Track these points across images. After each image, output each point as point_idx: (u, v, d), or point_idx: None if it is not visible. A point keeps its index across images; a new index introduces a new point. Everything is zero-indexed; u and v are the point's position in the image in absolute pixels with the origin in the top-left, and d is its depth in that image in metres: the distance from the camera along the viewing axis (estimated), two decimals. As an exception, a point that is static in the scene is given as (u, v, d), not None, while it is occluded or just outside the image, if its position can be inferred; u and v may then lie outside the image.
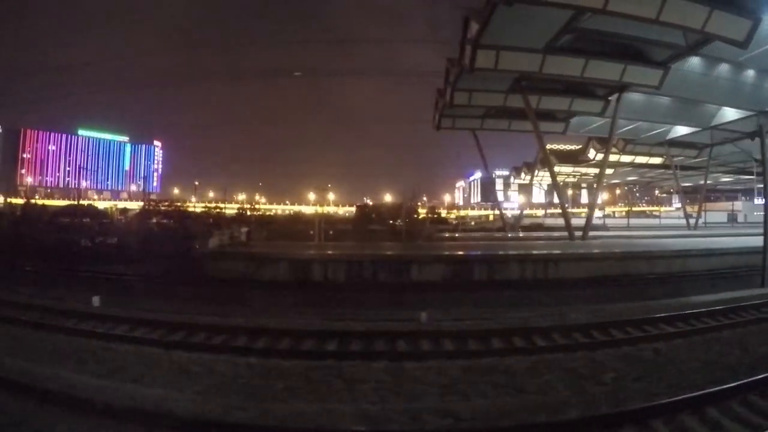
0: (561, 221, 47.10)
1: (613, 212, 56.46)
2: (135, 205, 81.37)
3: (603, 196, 56.20)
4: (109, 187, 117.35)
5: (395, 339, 6.09)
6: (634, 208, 65.71)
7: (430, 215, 58.90)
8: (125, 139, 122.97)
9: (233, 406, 3.90)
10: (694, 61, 17.79)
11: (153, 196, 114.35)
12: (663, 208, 60.94)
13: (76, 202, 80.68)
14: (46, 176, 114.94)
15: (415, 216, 56.22)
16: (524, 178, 48.57)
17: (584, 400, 4.01)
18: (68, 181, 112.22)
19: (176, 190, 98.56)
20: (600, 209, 47.49)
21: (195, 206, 58.71)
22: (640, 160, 33.38)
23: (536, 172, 47.58)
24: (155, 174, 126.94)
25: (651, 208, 64.87)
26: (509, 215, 70.53)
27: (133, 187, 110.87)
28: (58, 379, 4.45)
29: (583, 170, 40.31)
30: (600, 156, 34.00)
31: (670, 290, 9.83)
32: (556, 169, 41.08)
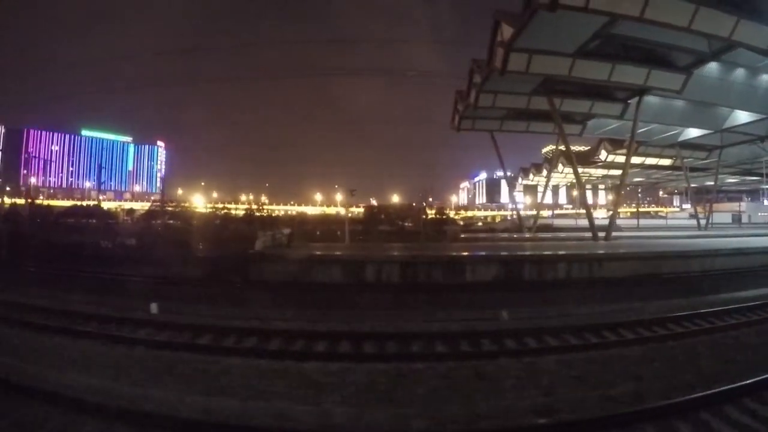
0: (569, 222, 47.77)
1: (619, 213, 57.18)
2: (138, 206, 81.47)
3: (609, 197, 56.96)
4: (113, 188, 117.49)
5: (499, 337, 6.49)
6: (639, 209, 66.62)
7: (438, 216, 59.35)
8: (129, 139, 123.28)
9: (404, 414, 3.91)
10: (712, 66, 18.44)
11: (155, 197, 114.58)
12: (667, 209, 61.66)
13: (81, 203, 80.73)
14: (50, 176, 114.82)
15: (424, 216, 56.82)
16: (532, 179, 49.19)
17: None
18: (71, 181, 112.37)
19: (180, 191, 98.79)
20: (608, 210, 48.15)
21: (207, 207, 58.73)
22: (650, 161, 34.05)
23: (543, 172, 48.41)
24: (158, 174, 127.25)
25: (656, 209, 65.65)
26: (514, 216, 71.16)
27: (137, 188, 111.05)
28: (210, 411, 3.93)
29: (592, 171, 40.90)
30: (612, 157, 34.72)
31: (712, 287, 10.30)
32: (567, 170, 41.82)
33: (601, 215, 58.07)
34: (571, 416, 3.75)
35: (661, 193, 64.60)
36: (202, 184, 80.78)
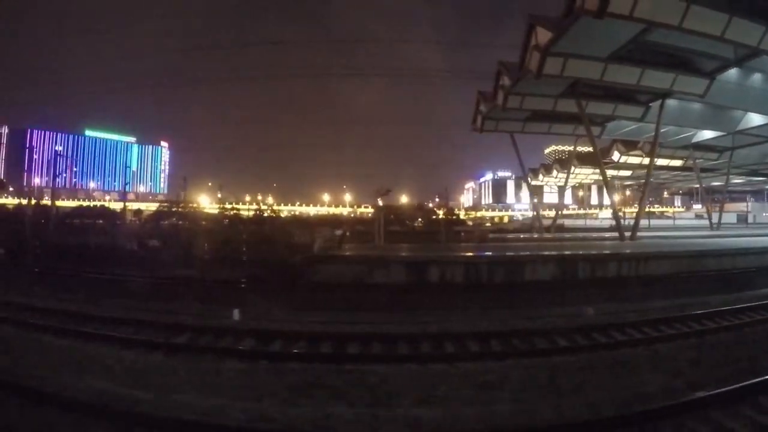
0: (578, 222, 48.29)
1: (624, 213, 58.13)
2: (144, 206, 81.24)
3: (615, 197, 57.90)
4: (116, 188, 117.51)
5: (593, 331, 6.97)
6: (646, 210, 67.52)
7: (448, 216, 60.00)
8: (132, 139, 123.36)
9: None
10: (731, 71, 19.27)
11: (160, 197, 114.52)
12: (672, 209, 62.72)
13: (88, 203, 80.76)
14: (53, 177, 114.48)
15: (434, 217, 57.45)
16: (541, 179, 49.99)
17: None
18: (75, 181, 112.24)
19: (183, 191, 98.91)
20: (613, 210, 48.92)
21: (217, 207, 58.86)
22: (662, 162, 34.89)
23: (554, 173, 49.21)
24: (162, 175, 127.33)
25: (662, 209, 66.68)
26: (520, 217, 71.77)
27: (141, 188, 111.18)
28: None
29: (612, 172, 41.68)
30: (624, 158, 35.55)
31: (751, 282, 11.05)
32: (578, 171, 42.64)
33: (604, 215, 59.01)
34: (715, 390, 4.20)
35: (665, 193, 65.64)
36: (209, 184, 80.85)
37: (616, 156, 35.04)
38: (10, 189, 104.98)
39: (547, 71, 16.22)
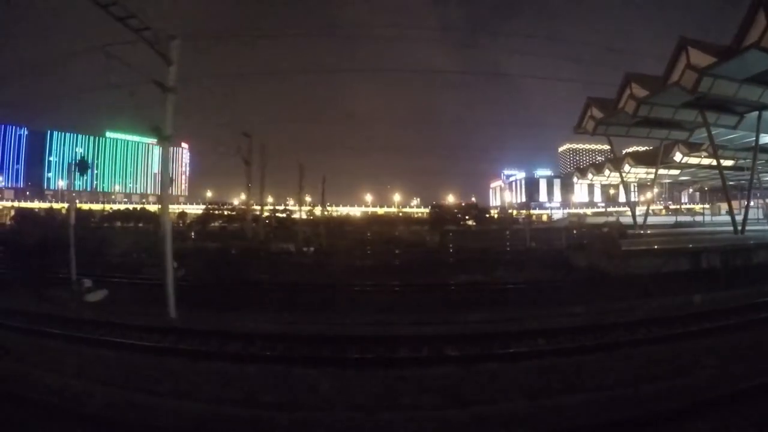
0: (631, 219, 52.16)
1: (652, 210, 63.24)
2: (174, 208, 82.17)
3: (646, 195, 62.86)
4: (138, 190, 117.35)
5: None
6: (669, 207, 73.40)
7: (501, 215, 64.06)
8: (154, 141, 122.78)
9: None
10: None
11: (181, 199, 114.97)
12: (697, 207, 68.27)
13: (128, 206, 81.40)
14: (74, 179, 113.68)
15: (488, 216, 61.29)
16: (591, 178, 54.31)
17: None
18: (96, 184, 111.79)
19: (209, 193, 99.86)
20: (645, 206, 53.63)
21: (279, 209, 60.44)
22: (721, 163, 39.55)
23: (606, 172, 53.58)
24: (183, 176, 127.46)
25: (688, 207, 72.42)
26: (555, 216, 75.73)
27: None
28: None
29: (662, 171, 46.03)
30: (687, 159, 40.11)
31: None
32: (634, 170, 47.09)
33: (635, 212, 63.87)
34: None
35: (690, 190, 71.32)
36: (249, 186, 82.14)
37: (678, 157, 39.38)
38: (27, 193, 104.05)
39: (702, 89, 20.14)
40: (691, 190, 68.05)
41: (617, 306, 9.71)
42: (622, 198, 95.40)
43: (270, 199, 62.16)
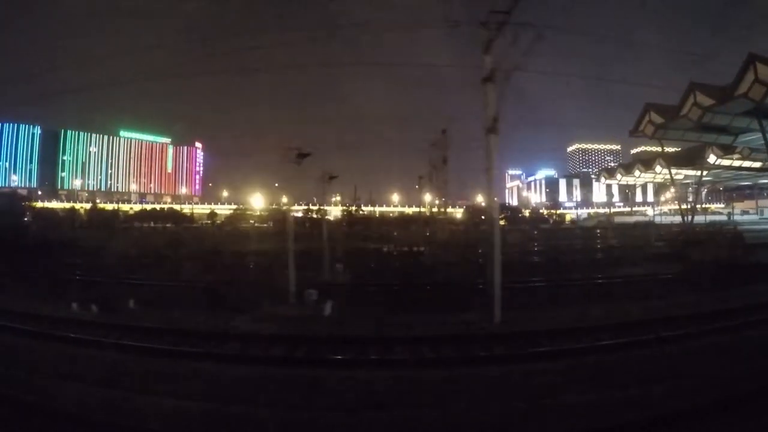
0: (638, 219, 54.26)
1: (669, 209, 65.97)
2: (185, 209, 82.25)
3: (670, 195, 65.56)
4: (153, 190, 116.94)
5: None
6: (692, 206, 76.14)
7: (533, 216, 66.09)
8: (167, 140, 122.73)
9: None
10: None
11: (196, 199, 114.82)
12: (713, 206, 71.23)
13: (155, 206, 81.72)
14: (88, 179, 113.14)
15: (520, 215, 63.20)
16: (620, 179, 56.56)
17: None
18: (110, 183, 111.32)
19: (225, 192, 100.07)
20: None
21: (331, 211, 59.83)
22: (745, 163, 42.01)
23: (636, 172, 55.95)
24: (197, 176, 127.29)
25: (706, 206, 75.48)
26: (585, 215, 78.03)
27: (183, 190, 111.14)
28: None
29: (685, 172, 48.10)
30: (720, 161, 42.56)
31: None
32: (665, 170, 49.42)
33: (650, 212, 66.47)
34: None
35: (704, 191, 74.31)
36: (276, 185, 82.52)
37: (711, 159, 41.74)
38: (39, 193, 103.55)
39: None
40: (705, 191, 70.89)
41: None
42: (642, 198, 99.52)
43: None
